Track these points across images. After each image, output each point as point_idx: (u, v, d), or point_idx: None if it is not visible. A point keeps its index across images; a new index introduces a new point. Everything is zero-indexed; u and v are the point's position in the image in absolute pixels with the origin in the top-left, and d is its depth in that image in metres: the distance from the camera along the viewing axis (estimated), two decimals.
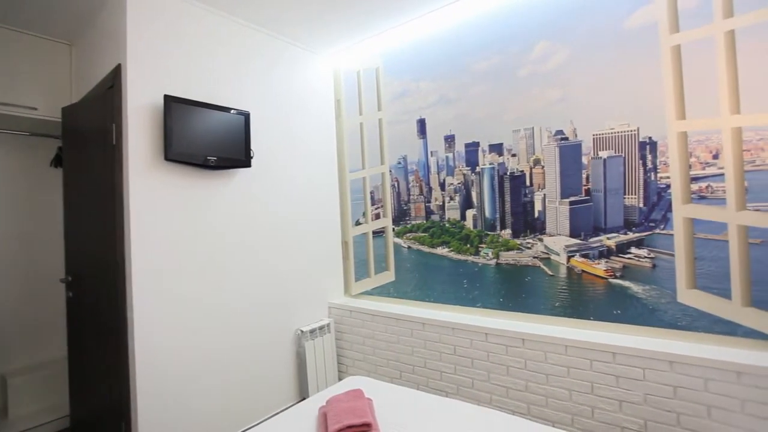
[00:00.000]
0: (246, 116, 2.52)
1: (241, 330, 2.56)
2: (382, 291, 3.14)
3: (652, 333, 2.01)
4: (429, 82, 2.85)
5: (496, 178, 2.59)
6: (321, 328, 3.00)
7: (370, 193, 3.23)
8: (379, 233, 3.19)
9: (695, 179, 1.93)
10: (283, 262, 2.87)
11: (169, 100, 2.15)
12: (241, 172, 2.60)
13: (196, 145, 2.27)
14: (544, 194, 2.40)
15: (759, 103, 1.73)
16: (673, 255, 1.98)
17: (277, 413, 2.13)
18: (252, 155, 2.55)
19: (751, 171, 1.78)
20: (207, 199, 2.43)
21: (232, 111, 2.46)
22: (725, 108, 1.80)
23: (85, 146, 2.47)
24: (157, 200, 2.19)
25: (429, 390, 2.63)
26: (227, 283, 2.50)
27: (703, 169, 1.92)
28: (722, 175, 1.84)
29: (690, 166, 1.94)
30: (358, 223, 3.32)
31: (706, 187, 1.91)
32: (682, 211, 1.95)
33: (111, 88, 2.20)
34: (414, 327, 2.72)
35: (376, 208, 3.21)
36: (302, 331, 2.87)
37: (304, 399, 2.23)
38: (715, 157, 1.88)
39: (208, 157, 2.30)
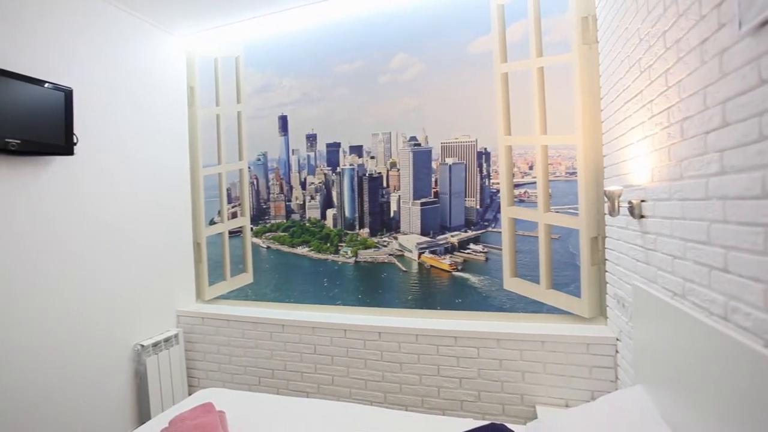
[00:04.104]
0: (67, 93, 2.10)
1: (56, 357, 2.09)
2: (239, 294, 2.96)
3: (485, 317, 2.35)
4: (292, 78, 2.80)
5: (356, 178, 2.69)
6: (167, 339, 2.67)
7: (227, 190, 3.01)
8: (236, 233, 3.00)
9: (517, 186, 2.33)
10: (118, 269, 2.45)
11: None
12: (61, 161, 2.15)
13: None
14: (399, 195, 2.58)
15: (557, 126, 2.18)
16: (500, 249, 2.34)
17: None
18: (76, 141, 2.14)
19: (553, 181, 2.22)
20: (6, 192, 1.93)
21: (47, 85, 2.02)
22: (537, 128, 2.21)
23: None
24: None
25: (289, 393, 2.58)
26: (37, 300, 2.02)
27: (522, 177, 2.34)
28: (535, 183, 2.26)
29: (513, 175, 2.32)
30: (212, 223, 3.06)
31: (524, 192, 2.32)
32: (507, 212, 2.32)
33: None
34: (273, 329, 2.63)
35: (232, 207, 3.01)
36: (142, 346, 2.51)
37: (144, 423, 1.95)
38: (531, 168, 2.31)
39: (8, 140, 1.84)
